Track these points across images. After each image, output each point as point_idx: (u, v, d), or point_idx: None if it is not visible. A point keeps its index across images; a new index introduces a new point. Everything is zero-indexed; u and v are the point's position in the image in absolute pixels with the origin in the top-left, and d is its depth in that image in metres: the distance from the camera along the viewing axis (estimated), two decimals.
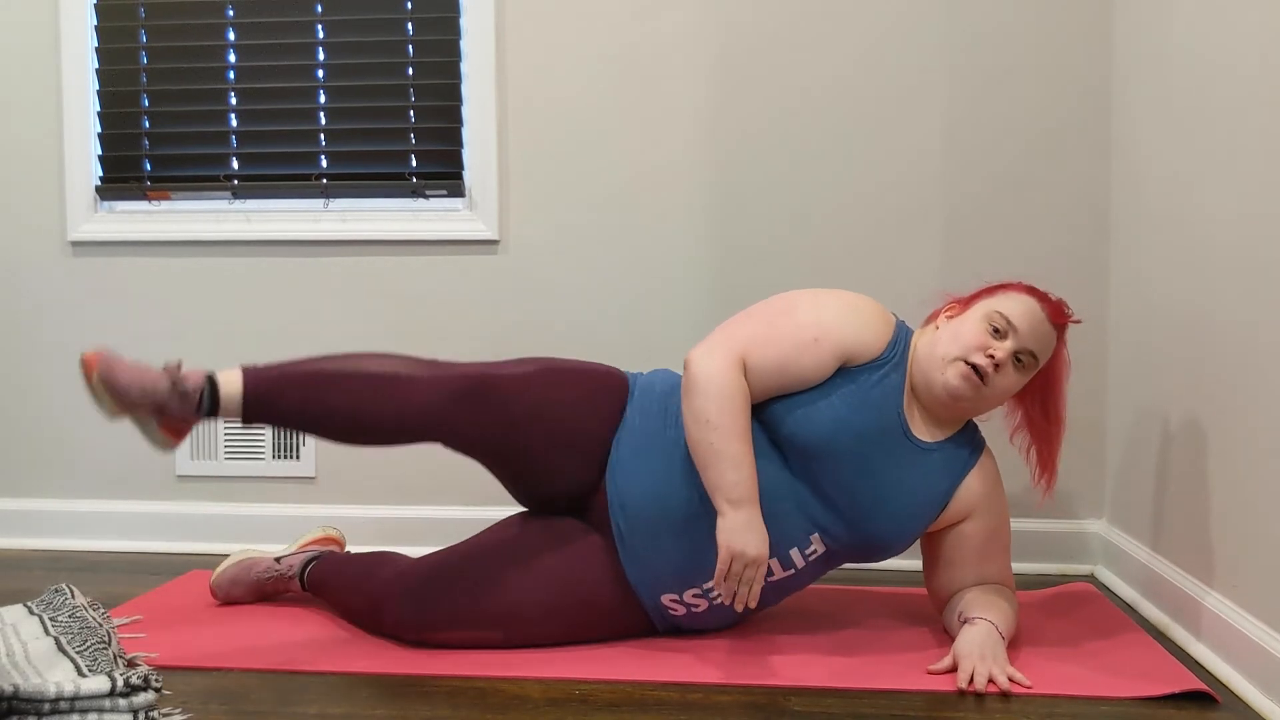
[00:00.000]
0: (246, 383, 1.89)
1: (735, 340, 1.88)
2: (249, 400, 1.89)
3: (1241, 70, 1.80)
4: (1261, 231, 1.72)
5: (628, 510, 1.92)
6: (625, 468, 1.94)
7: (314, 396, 1.89)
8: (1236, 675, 1.75)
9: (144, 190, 2.81)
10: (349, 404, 1.89)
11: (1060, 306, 1.95)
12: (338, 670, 1.83)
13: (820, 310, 1.91)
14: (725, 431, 1.81)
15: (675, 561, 1.91)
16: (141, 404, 1.87)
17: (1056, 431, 2.02)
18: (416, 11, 2.73)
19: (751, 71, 2.61)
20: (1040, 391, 2.00)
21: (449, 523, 2.55)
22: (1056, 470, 2.04)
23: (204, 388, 1.88)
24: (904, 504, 1.92)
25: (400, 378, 1.91)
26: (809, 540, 1.91)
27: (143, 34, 2.79)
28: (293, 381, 1.90)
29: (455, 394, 1.90)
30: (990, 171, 2.56)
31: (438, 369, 1.93)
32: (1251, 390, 1.75)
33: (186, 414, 1.89)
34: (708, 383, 1.83)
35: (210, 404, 1.89)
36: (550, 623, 1.93)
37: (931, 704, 1.69)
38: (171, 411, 1.88)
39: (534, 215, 2.70)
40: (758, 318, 1.93)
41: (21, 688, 1.41)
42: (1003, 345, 1.88)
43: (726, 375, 1.84)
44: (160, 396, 1.86)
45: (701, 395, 1.83)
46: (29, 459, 2.83)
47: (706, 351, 1.86)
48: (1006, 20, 2.54)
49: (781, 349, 1.88)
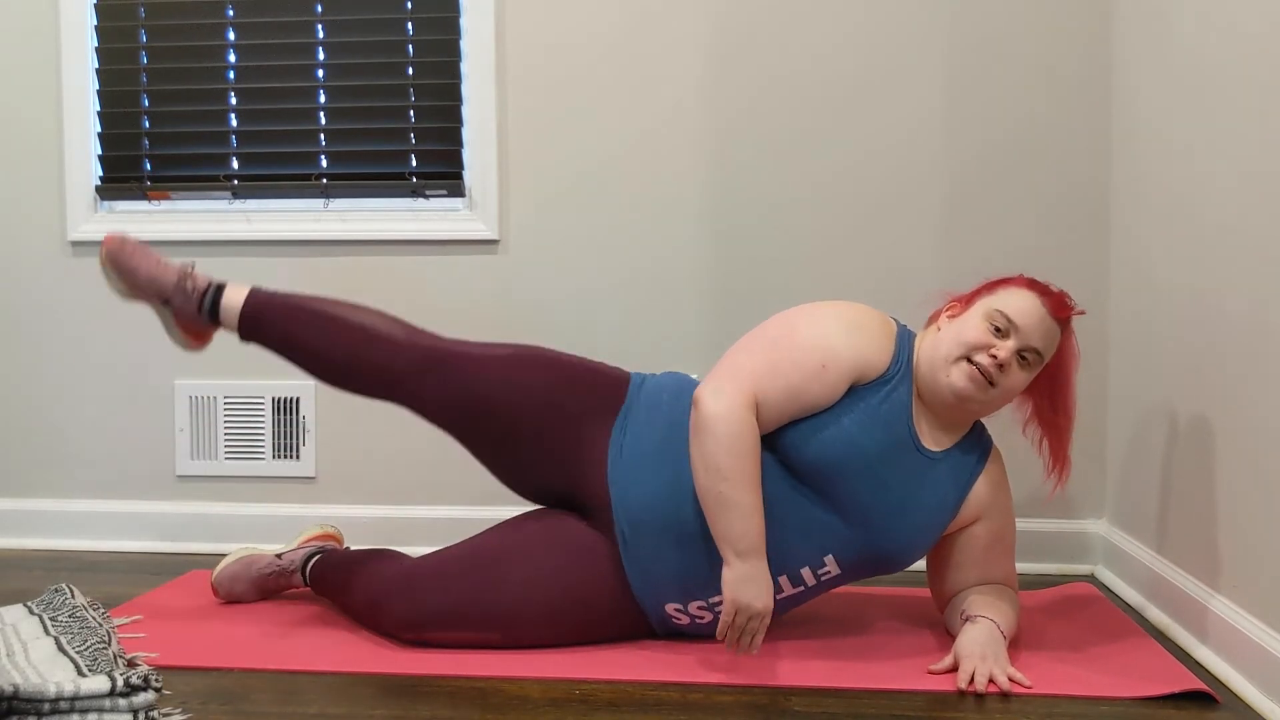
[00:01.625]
0: (248, 301, 2.04)
1: (743, 375, 1.84)
2: (245, 316, 2.04)
3: (1246, 48, 1.80)
4: (1268, 220, 1.71)
5: (632, 516, 1.90)
6: (631, 472, 1.92)
7: (302, 333, 2.03)
8: (1236, 675, 1.75)
9: (144, 190, 2.81)
10: (328, 348, 2.02)
11: (1063, 299, 1.92)
12: (338, 670, 1.83)
13: (822, 332, 1.88)
14: (736, 481, 1.79)
15: (679, 572, 1.90)
16: (148, 289, 2.04)
17: (1066, 424, 1.99)
18: (416, 11, 2.73)
19: (752, 72, 2.61)
20: (1048, 385, 1.97)
21: (449, 523, 2.54)
22: (1069, 462, 2.02)
23: (208, 290, 2.05)
24: (917, 517, 1.90)
25: (380, 336, 2.02)
26: (822, 561, 1.90)
27: (143, 34, 2.79)
28: (288, 313, 2.03)
29: (420, 364, 2.00)
30: (988, 156, 2.56)
31: (416, 337, 2.03)
32: (1256, 388, 1.75)
33: (188, 312, 2.04)
34: (717, 424, 1.79)
35: (212, 306, 2.04)
36: (550, 624, 1.92)
37: (931, 704, 1.69)
38: (177, 306, 2.04)
39: (534, 215, 2.70)
40: (761, 346, 1.89)
41: (21, 688, 1.41)
42: (1005, 344, 1.86)
43: (736, 415, 1.80)
44: (165, 286, 2.03)
45: (712, 439, 1.80)
46: (29, 459, 2.83)
47: (715, 390, 1.82)
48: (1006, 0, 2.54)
49: (790, 380, 1.84)
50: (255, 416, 2.77)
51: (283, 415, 2.76)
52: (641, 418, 1.97)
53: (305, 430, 2.76)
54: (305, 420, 2.76)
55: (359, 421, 2.71)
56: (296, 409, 2.76)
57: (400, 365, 1.99)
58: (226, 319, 2.05)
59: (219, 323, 2.06)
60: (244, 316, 2.04)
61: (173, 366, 2.78)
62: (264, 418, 2.77)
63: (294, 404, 2.76)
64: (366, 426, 2.71)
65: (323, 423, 2.76)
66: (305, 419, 2.76)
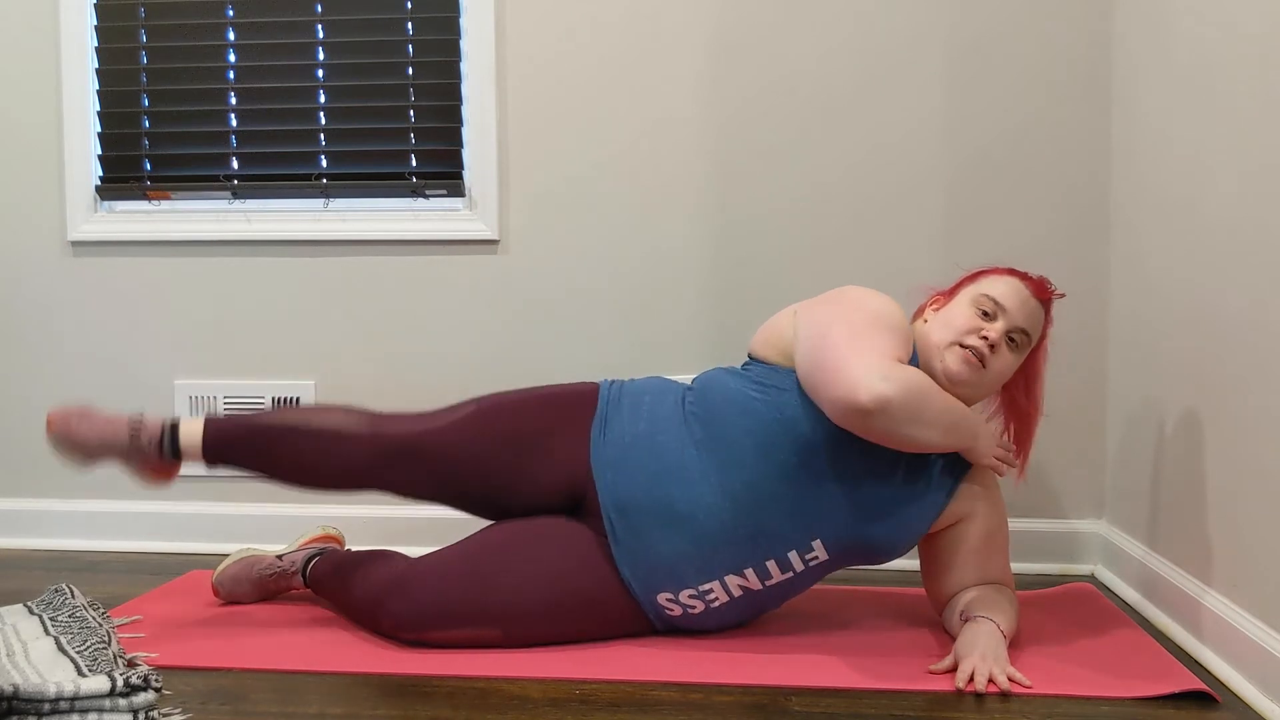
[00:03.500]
0: (207, 431, 2.04)
1: (867, 349, 1.80)
2: (207, 447, 2.04)
3: (1246, 49, 1.80)
4: (1268, 219, 1.71)
5: (619, 503, 1.93)
6: (614, 462, 1.95)
7: (265, 449, 2.03)
8: (1236, 675, 1.75)
9: (144, 190, 2.81)
10: (294, 459, 2.03)
11: (1043, 283, 1.99)
12: (338, 670, 1.83)
13: (889, 309, 1.90)
14: (939, 414, 1.81)
15: (669, 556, 1.91)
16: (104, 453, 2.02)
17: (1035, 413, 2.06)
18: (416, 11, 2.72)
19: (752, 71, 2.61)
20: (1024, 373, 2.03)
21: (449, 523, 2.54)
22: (1029, 452, 2.06)
23: (163, 436, 2.03)
24: (905, 507, 1.92)
25: (344, 435, 2.02)
26: (810, 546, 1.91)
27: (143, 34, 2.79)
28: (247, 434, 2.04)
29: (390, 454, 2.01)
30: (988, 156, 2.56)
31: (380, 426, 2.03)
32: (1256, 387, 1.75)
33: (151, 461, 2.04)
34: (893, 400, 1.74)
35: (172, 450, 2.03)
36: (549, 620, 1.93)
37: (931, 704, 1.69)
38: (137, 459, 2.04)
39: (534, 215, 2.70)
40: (853, 324, 1.85)
41: (21, 688, 1.41)
42: (994, 326, 1.92)
43: (895, 377, 1.76)
44: (120, 447, 2.02)
45: (905, 412, 1.76)
46: (29, 459, 2.83)
47: (862, 378, 1.75)
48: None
49: (895, 341, 1.84)
50: None
51: None
52: (625, 416, 1.99)
53: None
54: None
55: None
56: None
57: (366, 462, 2.01)
58: (189, 453, 2.05)
59: (181, 459, 2.06)
60: (206, 448, 2.04)
61: (172, 366, 2.78)
62: None
63: (294, 404, 2.76)
64: None
65: None
66: None
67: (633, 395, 2.03)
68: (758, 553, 1.89)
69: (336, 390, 2.73)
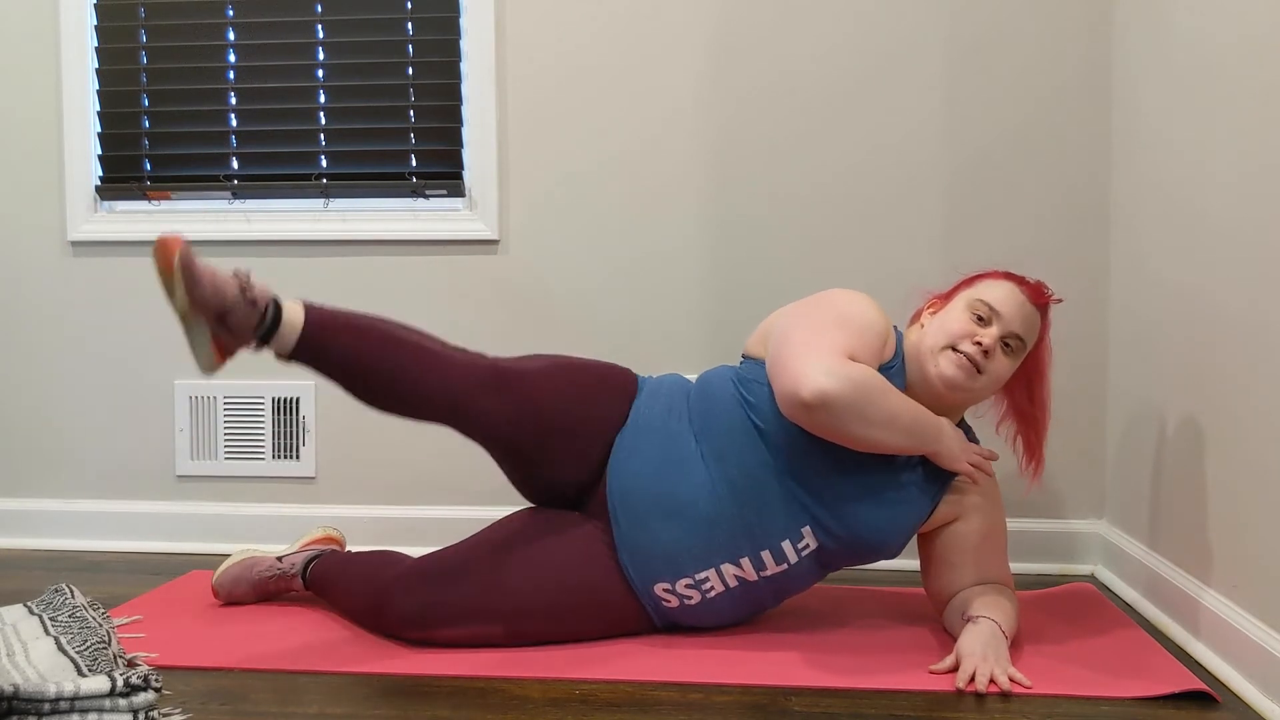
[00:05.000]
0: (308, 318, 1.89)
1: (820, 343, 1.82)
2: (306, 334, 1.88)
3: (1246, 49, 1.80)
4: (1267, 219, 1.71)
5: (623, 490, 1.95)
6: (624, 451, 1.97)
7: (364, 349, 1.90)
8: (1236, 675, 1.75)
9: (144, 190, 2.81)
10: (390, 367, 1.91)
11: (1040, 288, 1.98)
12: (338, 670, 1.83)
13: (863, 309, 1.91)
14: (895, 411, 1.81)
15: (667, 545, 1.92)
16: (210, 303, 1.81)
17: (1043, 416, 2.05)
18: (416, 11, 2.73)
19: (752, 71, 2.61)
20: (1025, 377, 2.03)
21: (449, 523, 2.54)
22: (1043, 457, 2.05)
23: (270, 305, 1.86)
24: (893, 499, 1.93)
25: (440, 356, 1.94)
26: (800, 533, 1.92)
27: (143, 34, 2.79)
28: (348, 330, 1.91)
29: (484, 381, 1.94)
30: (988, 156, 2.56)
31: (469, 355, 1.98)
32: (1256, 387, 1.75)
33: (244, 329, 1.85)
34: (839, 396, 1.76)
35: (272, 323, 1.86)
36: (551, 617, 1.93)
37: (931, 704, 1.69)
38: (232, 323, 1.84)
39: (534, 215, 2.70)
40: (815, 322, 1.88)
41: (21, 687, 1.41)
42: (989, 331, 1.92)
43: (842, 373, 1.77)
44: (228, 299, 1.82)
45: (849, 410, 1.77)
46: (29, 459, 2.83)
47: (808, 372, 1.77)
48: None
49: (863, 340, 1.86)
50: (255, 416, 2.77)
51: (283, 415, 2.76)
52: (642, 410, 2.02)
53: (305, 430, 2.76)
54: (305, 420, 2.76)
55: (359, 422, 2.71)
56: (296, 409, 2.76)
57: (471, 386, 1.93)
58: (286, 331, 1.87)
59: (268, 342, 1.88)
60: (305, 336, 1.88)
61: (172, 366, 2.78)
62: (264, 418, 2.77)
63: (294, 404, 2.76)
64: (366, 427, 2.71)
65: (323, 423, 2.76)
66: (305, 419, 2.76)
67: (652, 391, 2.05)
68: (753, 542, 1.91)
69: (336, 390, 2.73)
